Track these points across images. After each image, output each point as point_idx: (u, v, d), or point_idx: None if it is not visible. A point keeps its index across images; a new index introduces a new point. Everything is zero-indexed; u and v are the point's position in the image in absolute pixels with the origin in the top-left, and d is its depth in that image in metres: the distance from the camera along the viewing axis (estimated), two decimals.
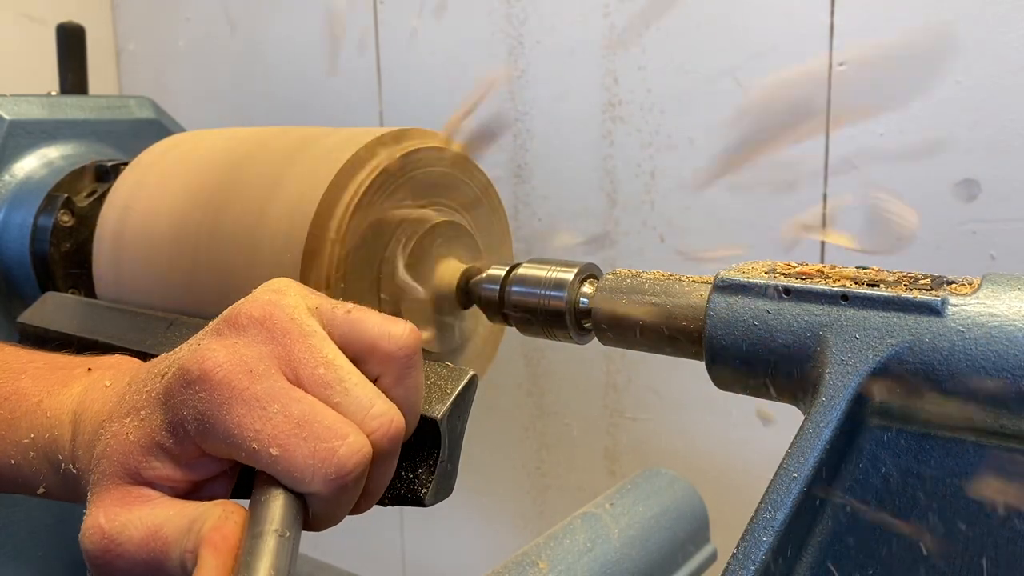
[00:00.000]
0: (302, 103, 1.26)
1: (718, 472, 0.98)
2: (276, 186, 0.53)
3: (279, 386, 0.34)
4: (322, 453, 0.32)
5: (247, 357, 0.34)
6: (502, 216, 0.63)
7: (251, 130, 0.63)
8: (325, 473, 0.32)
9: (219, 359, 0.34)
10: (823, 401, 0.37)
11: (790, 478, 0.35)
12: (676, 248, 0.96)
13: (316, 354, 0.35)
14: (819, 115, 0.85)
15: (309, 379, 0.34)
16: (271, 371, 0.34)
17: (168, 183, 0.60)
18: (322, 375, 0.35)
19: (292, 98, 1.27)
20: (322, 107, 1.23)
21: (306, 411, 0.33)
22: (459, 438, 0.41)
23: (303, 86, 1.25)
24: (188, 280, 0.55)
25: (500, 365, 1.10)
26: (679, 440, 1.01)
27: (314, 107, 1.24)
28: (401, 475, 0.39)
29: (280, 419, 0.33)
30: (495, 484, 1.18)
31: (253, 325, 0.35)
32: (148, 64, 1.47)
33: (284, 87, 1.28)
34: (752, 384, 0.42)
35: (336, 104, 1.22)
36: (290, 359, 0.35)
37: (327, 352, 0.35)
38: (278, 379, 0.34)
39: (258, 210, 0.53)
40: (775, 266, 0.43)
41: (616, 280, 0.49)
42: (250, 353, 0.34)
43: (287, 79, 1.27)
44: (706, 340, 0.42)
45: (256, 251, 0.52)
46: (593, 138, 0.99)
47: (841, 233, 0.86)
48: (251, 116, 1.33)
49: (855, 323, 0.38)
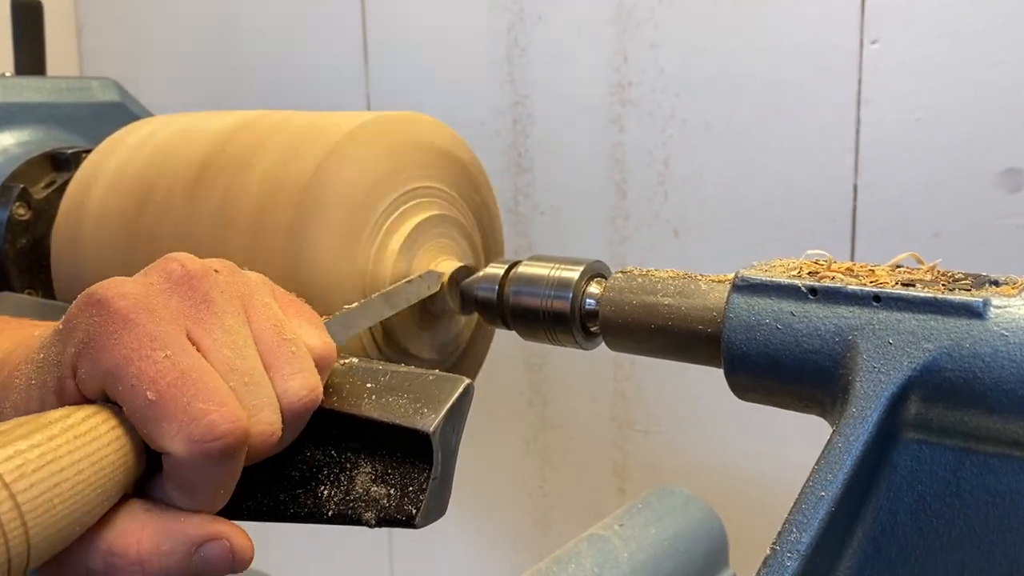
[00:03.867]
0: (282, 84, 1.26)
1: (738, 490, 0.98)
2: (251, 177, 0.53)
3: (175, 336, 0.35)
4: (194, 411, 0.33)
5: (155, 300, 0.35)
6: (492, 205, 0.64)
7: (225, 114, 0.63)
8: (190, 432, 0.33)
9: (126, 289, 0.35)
10: (853, 412, 0.37)
11: (817, 497, 0.35)
12: (692, 244, 0.96)
13: (229, 336, 0.36)
14: (849, 97, 0.85)
15: (215, 354, 0.35)
16: (173, 321, 0.35)
17: (135, 173, 0.60)
18: (227, 358, 0.36)
19: (271, 78, 1.27)
20: (304, 88, 1.23)
21: (194, 367, 0.34)
22: (453, 453, 0.40)
23: (283, 66, 1.25)
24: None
25: (499, 373, 1.10)
26: (695, 455, 1.01)
27: (295, 88, 1.24)
28: (389, 494, 0.39)
29: (166, 365, 0.34)
30: (493, 503, 1.18)
31: (180, 278, 0.37)
32: (112, 42, 1.47)
33: (262, 66, 1.28)
34: (775, 393, 0.42)
35: (319, 84, 1.22)
36: (200, 327, 0.36)
37: (240, 340, 0.37)
38: (177, 331, 0.35)
39: (233, 202, 0.53)
40: (800, 264, 0.43)
41: (626, 279, 0.49)
42: (160, 299, 0.36)
43: (265, 58, 1.27)
44: (724, 345, 0.42)
45: (229, 250, 0.52)
46: (601, 123, 0.99)
47: (872, 229, 0.87)
48: (225, 98, 1.33)
49: (888, 327, 0.38)
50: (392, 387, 0.41)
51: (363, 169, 0.52)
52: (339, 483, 0.40)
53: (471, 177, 0.62)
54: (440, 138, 0.59)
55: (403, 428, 0.39)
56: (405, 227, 0.54)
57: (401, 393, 0.40)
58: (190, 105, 1.33)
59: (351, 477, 0.40)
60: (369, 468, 0.40)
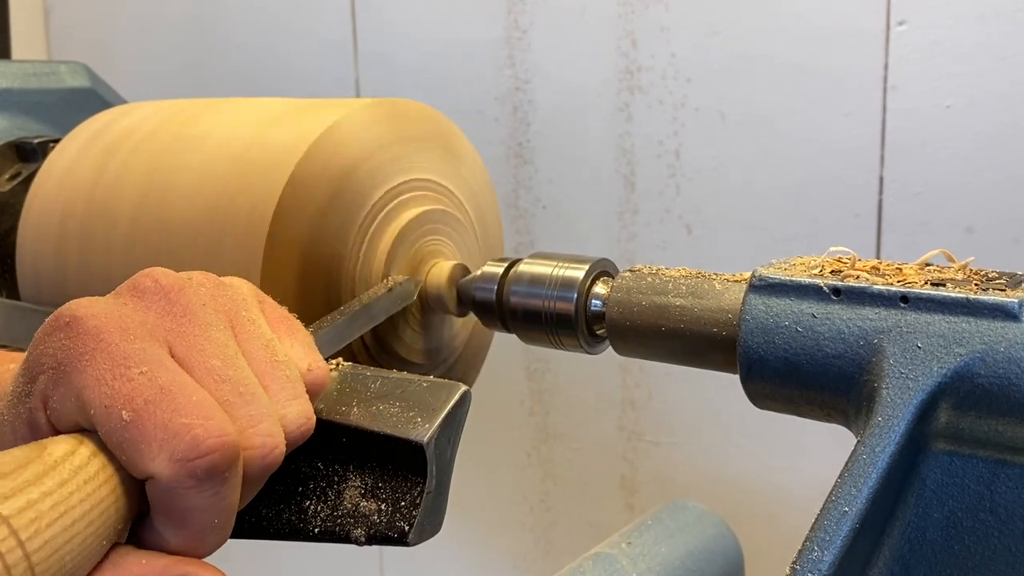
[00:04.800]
0: (264, 67, 1.26)
1: (755, 505, 0.98)
2: (232, 168, 0.53)
3: (153, 352, 0.34)
4: (175, 427, 0.32)
5: (128, 318, 0.35)
6: None
7: (204, 101, 0.63)
8: (172, 450, 0.32)
9: (96, 309, 0.35)
10: (879, 422, 0.37)
11: (840, 512, 0.35)
12: (705, 241, 0.96)
13: (216, 346, 0.35)
14: (875, 83, 0.85)
15: (200, 367, 0.35)
16: (150, 338, 0.34)
17: (106, 164, 0.60)
18: (217, 368, 0.35)
19: (253, 62, 1.27)
20: (288, 72, 1.23)
21: (174, 382, 0.33)
22: (449, 465, 0.40)
23: (265, 48, 1.25)
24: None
25: (498, 379, 1.10)
26: (709, 467, 1.01)
27: (278, 72, 1.24)
28: (380, 509, 0.39)
29: (142, 382, 0.33)
30: (491, 519, 1.18)
31: (155, 293, 0.36)
32: (82, 24, 1.47)
33: (242, 49, 1.28)
34: (795, 401, 0.42)
35: (304, 69, 1.22)
36: (183, 341, 0.35)
37: (230, 351, 0.36)
38: (155, 347, 0.34)
39: (213, 197, 0.53)
40: (822, 262, 0.43)
41: (634, 279, 0.49)
42: (134, 317, 0.35)
43: (246, 39, 1.27)
44: (741, 350, 0.42)
45: (210, 244, 0.52)
46: (607, 111, 0.99)
47: (900, 224, 0.87)
48: (205, 84, 1.33)
49: (917, 329, 0.38)
50: (383, 394, 0.41)
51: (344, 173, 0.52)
52: (326, 498, 0.40)
53: (467, 169, 0.61)
54: (433, 127, 0.59)
55: (395, 438, 0.39)
56: (395, 224, 0.54)
57: (392, 401, 0.40)
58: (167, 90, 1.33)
59: (339, 491, 0.40)
60: (358, 481, 0.40)
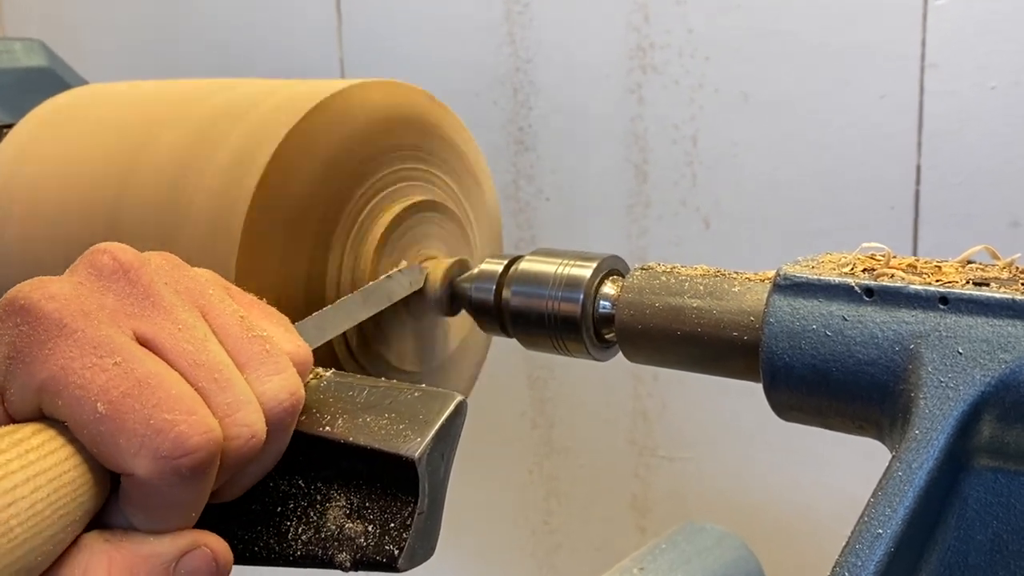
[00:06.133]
0: (239, 45, 1.26)
1: (779, 527, 0.98)
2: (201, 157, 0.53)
3: (121, 339, 0.34)
4: (159, 423, 0.33)
5: (87, 300, 0.35)
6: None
7: (173, 83, 0.63)
8: (156, 448, 0.32)
9: (53, 290, 0.35)
10: (916, 435, 0.37)
11: (873, 535, 0.35)
12: (725, 236, 0.96)
13: (185, 328, 0.36)
14: (911, 61, 0.85)
15: (173, 351, 0.35)
16: (114, 322, 0.35)
17: (65, 151, 0.60)
18: (188, 352, 0.35)
19: (229, 41, 1.27)
20: (266, 51, 1.23)
21: (152, 373, 0.34)
22: (442, 483, 0.40)
23: (241, 24, 1.25)
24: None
25: (498, 388, 1.10)
26: (728, 485, 1.01)
27: (255, 51, 1.24)
28: (367, 531, 0.39)
29: (117, 373, 0.33)
30: (490, 542, 1.18)
31: (114, 272, 0.36)
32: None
33: (217, 25, 1.28)
34: (823, 412, 0.42)
35: (284, 46, 1.22)
36: (149, 325, 0.35)
37: (199, 333, 0.36)
38: (122, 334, 0.34)
39: (177, 189, 0.53)
40: (854, 260, 0.43)
41: (647, 278, 0.49)
42: (93, 299, 0.35)
43: (220, 13, 1.27)
44: (764, 356, 0.42)
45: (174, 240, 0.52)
46: (617, 93, 0.99)
47: (938, 217, 0.87)
48: (174, 63, 1.33)
49: (958, 334, 0.38)
50: (370, 405, 0.41)
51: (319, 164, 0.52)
52: (308, 518, 0.40)
53: (462, 157, 0.62)
54: (425, 110, 0.59)
55: (383, 454, 0.39)
56: (384, 218, 0.54)
57: (381, 412, 0.40)
58: (132, 70, 1.33)
59: (322, 511, 0.40)
60: (343, 501, 0.40)
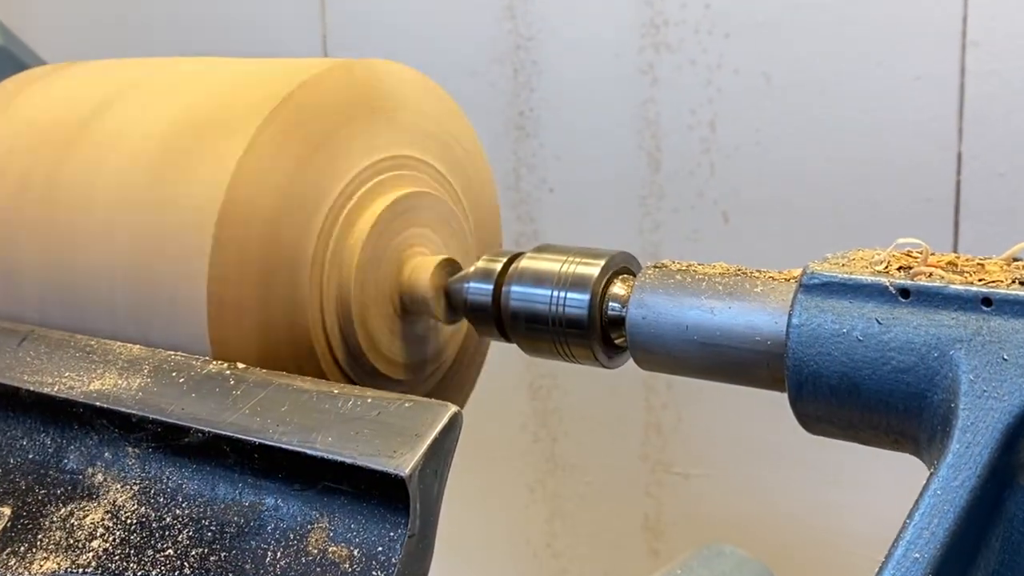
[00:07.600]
0: (217, 26, 1.26)
1: (804, 550, 0.98)
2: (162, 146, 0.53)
3: None
4: None
5: None
6: None
7: (137, 61, 0.63)
8: None
9: None
10: (956, 449, 0.37)
11: (910, 559, 0.35)
12: (746, 231, 0.96)
13: None
14: (951, 39, 0.85)
15: None
16: None
17: (20, 137, 0.60)
18: None
19: (203, 18, 1.27)
20: (244, 31, 1.23)
21: None
22: (436, 502, 0.41)
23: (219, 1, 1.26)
24: (46, 276, 0.55)
25: (496, 398, 1.10)
26: (749, 504, 1.01)
27: (233, 31, 1.24)
28: (352, 556, 0.39)
29: None
30: (488, 568, 1.18)
31: None
32: None
33: (190, 2, 1.28)
34: (854, 425, 0.42)
35: (261, 22, 1.22)
36: None
37: None
38: None
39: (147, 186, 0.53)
40: (888, 257, 0.43)
41: (660, 276, 0.49)
42: None
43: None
44: (790, 363, 0.42)
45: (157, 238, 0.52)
46: (627, 73, 0.99)
47: (980, 210, 0.87)
48: (138, 40, 1.33)
49: (1002, 338, 0.38)
50: (356, 417, 0.41)
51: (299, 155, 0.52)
52: (287, 542, 0.40)
53: (458, 144, 0.62)
54: (415, 93, 0.59)
55: (370, 471, 0.39)
56: (370, 211, 0.54)
57: (368, 425, 0.40)
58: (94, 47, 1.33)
59: (302, 535, 0.40)
60: (326, 523, 0.40)
